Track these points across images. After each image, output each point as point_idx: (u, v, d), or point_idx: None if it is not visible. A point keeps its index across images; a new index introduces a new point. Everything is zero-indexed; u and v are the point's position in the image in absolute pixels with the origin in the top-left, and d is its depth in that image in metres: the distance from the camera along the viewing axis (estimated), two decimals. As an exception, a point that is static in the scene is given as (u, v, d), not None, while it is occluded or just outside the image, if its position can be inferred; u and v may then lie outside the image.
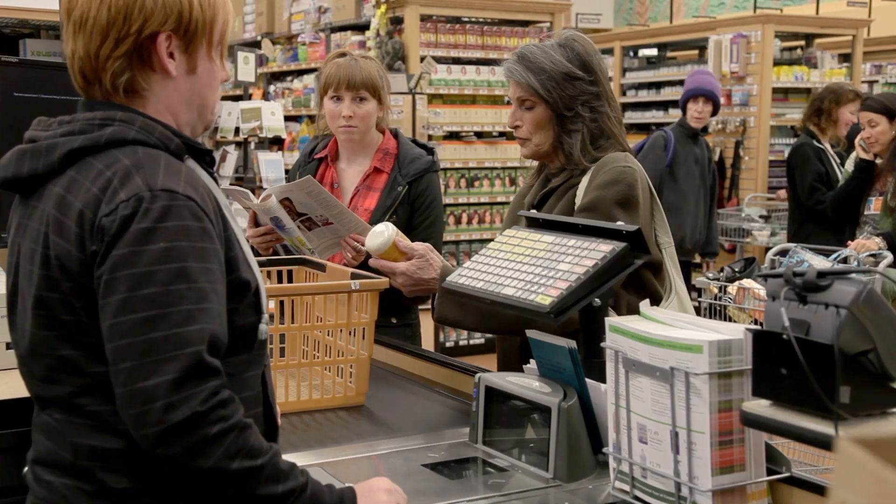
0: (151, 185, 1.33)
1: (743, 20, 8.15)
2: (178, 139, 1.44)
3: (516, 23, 7.02)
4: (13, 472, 1.77)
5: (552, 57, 2.21)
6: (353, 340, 2.25)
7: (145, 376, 1.29)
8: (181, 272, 1.31)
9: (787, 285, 1.35)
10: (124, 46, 1.40)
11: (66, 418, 1.41)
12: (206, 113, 1.52)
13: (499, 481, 1.76)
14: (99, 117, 1.41)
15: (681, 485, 1.51)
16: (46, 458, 1.44)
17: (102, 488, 1.39)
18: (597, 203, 2.15)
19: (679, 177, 5.70)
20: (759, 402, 1.40)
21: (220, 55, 1.50)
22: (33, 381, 1.46)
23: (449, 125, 6.69)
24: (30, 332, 1.42)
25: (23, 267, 1.44)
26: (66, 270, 1.36)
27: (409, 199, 2.88)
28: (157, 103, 1.45)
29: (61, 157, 1.39)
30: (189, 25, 1.43)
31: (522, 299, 1.83)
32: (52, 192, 1.40)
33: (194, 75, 1.46)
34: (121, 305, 1.30)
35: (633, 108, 9.58)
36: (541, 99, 2.22)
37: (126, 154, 1.37)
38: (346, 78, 2.88)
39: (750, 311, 2.68)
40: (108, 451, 1.39)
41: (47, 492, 1.43)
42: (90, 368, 1.38)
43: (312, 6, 7.40)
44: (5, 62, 2.44)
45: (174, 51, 1.43)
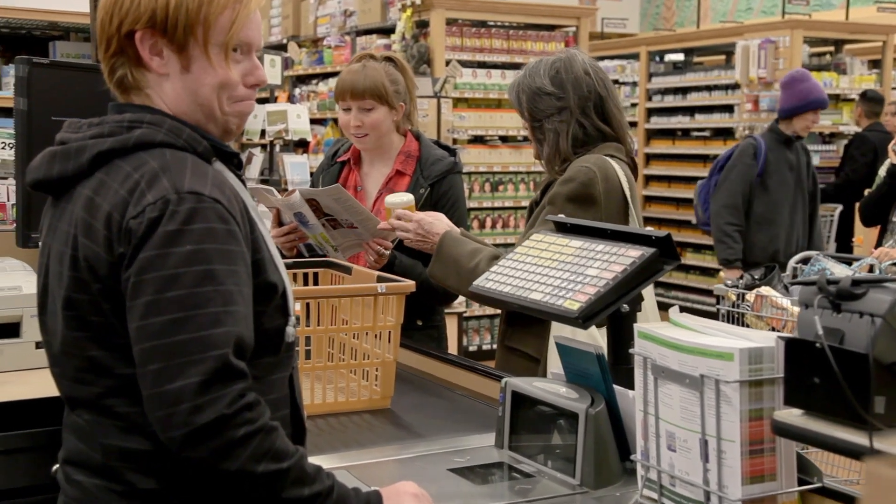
0: (178, 188, 1.34)
1: (771, 25, 8.10)
2: (205, 141, 1.44)
3: (542, 27, 7.01)
4: (44, 471, 1.78)
5: (536, 72, 2.50)
6: (378, 343, 2.25)
7: (171, 378, 1.29)
8: (207, 274, 1.32)
9: (821, 293, 1.33)
10: (113, 46, 1.45)
11: (96, 419, 1.42)
12: (213, 115, 1.47)
13: (525, 487, 1.75)
14: (128, 119, 1.42)
15: (710, 494, 1.50)
16: (77, 458, 1.45)
17: (131, 489, 1.40)
18: (553, 198, 2.44)
19: (771, 186, 5.39)
20: (791, 412, 1.38)
21: (224, 55, 1.45)
22: (64, 382, 1.47)
23: (474, 129, 6.69)
24: (61, 333, 1.43)
25: (52, 268, 1.45)
26: (95, 272, 1.36)
27: (431, 201, 2.88)
28: (158, 101, 1.46)
29: (90, 159, 1.40)
30: (167, 23, 1.41)
31: (550, 304, 1.82)
32: (81, 193, 1.40)
33: (189, 74, 1.45)
34: (147, 307, 1.31)
35: (658, 114, 9.54)
36: (518, 109, 2.56)
37: (154, 156, 1.38)
38: (350, 87, 2.86)
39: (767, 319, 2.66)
40: (137, 453, 1.39)
41: (78, 492, 1.44)
42: (119, 370, 1.38)
43: (338, 10, 7.42)
44: (37, 63, 2.46)
45: (162, 48, 1.43)
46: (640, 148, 9.65)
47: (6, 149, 3.51)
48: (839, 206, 7.14)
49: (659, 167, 9.36)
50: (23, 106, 2.45)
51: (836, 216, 7.16)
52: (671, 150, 9.17)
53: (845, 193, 7.00)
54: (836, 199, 7.15)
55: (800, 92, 5.43)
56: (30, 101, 2.45)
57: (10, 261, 2.57)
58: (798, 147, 5.53)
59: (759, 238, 5.37)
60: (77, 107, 2.50)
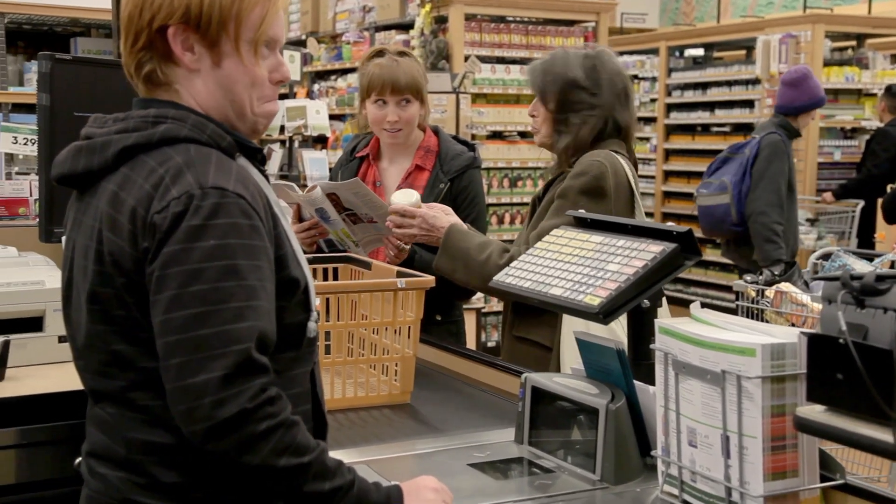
0: (202, 183, 1.34)
1: (792, 20, 8.04)
2: (229, 137, 1.44)
3: (561, 22, 6.98)
4: (67, 464, 1.80)
5: (568, 64, 2.51)
6: (398, 339, 2.25)
7: (194, 372, 1.30)
8: (231, 269, 1.32)
9: (845, 289, 1.33)
10: (142, 40, 1.44)
11: (119, 412, 1.43)
12: (243, 112, 1.48)
13: (545, 482, 1.75)
14: (152, 115, 1.42)
15: (731, 490, 1.49)
16: (100, 451, 1.46)
17: (154, 482, 1.40)
18: (566, 191, 2.47)
19: (793, 184, 5.43)
20: (814, 408, 1.37)
21: (253, 51, 1.46)
22: (88, 375, 1.48)
23: (492, 125, 6.67)
24: (85, 327, 1.44)
25: (77, 262, 1.46)
26: (120, 266, 1.37)
27: (451, 196, 2.87)
28: (187, 97, 1.46)
29: (115, 154, 1.41)
30: (201, 19, 1.42)
31: (571, 299, 1.81)
32: (106, 188, 1.41)
33: (220, 69, 1.45)
34: (171, 302, 1.31)
35: (678, 109, 9.50)
36: (541, 97, 2.55)
37: (178, 152, 1.39)
38: (391, 82, 2.85)
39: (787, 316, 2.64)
40: (160, 446, 1.40)
41: (102, 484, 1.45)
42: (142, 363, 1.39)
43: (357, 5, 7.42)
44: (59, 59, 2.47)
45: (194, 44, 1.43)
46: (660, 143, 9.61)
47: (28, 144, 3.54)
48: (861, 201, 7.09)
49: (678, 163, 9.32)
50: (45, 102, 2.47)
51: (858, 212, 7.11)
52: (691, 145, 9.12)
53: (867, 189, 6.95)
54: (858, 194, 7.10)
55: (809, 89, 5.45)
56: (52, 96, 2.47)
57: (33, 255, 2.59)
58: None
59: (788, 236, 5.37)
60: (99, 102, 2.53)
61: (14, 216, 3.18)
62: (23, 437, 2.08)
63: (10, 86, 5.29)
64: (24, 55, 5.57)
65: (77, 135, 1.50)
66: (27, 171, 4.44)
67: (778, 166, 5.30)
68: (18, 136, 3.53)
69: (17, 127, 3.60)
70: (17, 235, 2.80)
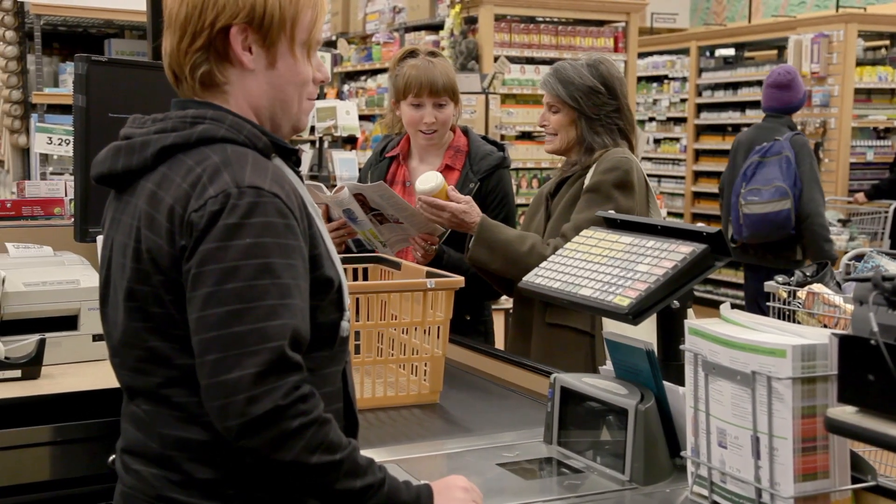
0: (239, 182, 1.36)
1: (825, 19, 7.97)
2: (265, 138, 1.46)
3: (591, 22, 6.97)
4: (101, 461, 1.82)
5: (581, 73, 2.68)
6: (427, 339, 2.26)
7: (229, 369, 1.31)
8: (266, 267, 1.34)
9: (876, 290, 1.32)
10: (200, 40, 1.44)
11: (154, 409, 1.44)
12: (290, 111, 1.52)
13: (574, 482, 1.76)
14: (191, 115, 1.44)
15: (762, 491, 1.49)
16: (135, 447, 1.48)
17: (188, 478, 1.42)
18: (598, 185, 2.58)
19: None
20: (845, 409, 1.36)
21: (306, 53, 1.50)
22: (124, 372, 1.50)
23: (522, 125, 6.67)
24: (122, 324, 1.46)
25: (115, 260, 1.48)
26: (157, 264, 1.39)
27: (480, 196, 2.88)
28: (237, 97, 1.48)
29: (154, 153, 1.43)
30: (264, 19, 1.44)
31: (600, 300, 1.82)
32: (145, 187, 1.43)
33: (274, 70, 1.48)
34: (207, 299, 1.33)
35: (708, 109, 9.45)
36: (566, 105, 2.69)
37: (215, 151, 1.40)
38: (429, 84, 2.86)
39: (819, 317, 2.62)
40: (193, 442, 1.42)
41: (136, 481, 1.46)
42: (178, 360, 1.41)
43: (387, 6, 7.44)
44: (95, 61, 2.51)
45: (252, 44, 1.45)
46: (690, 144, 9.56)
47: (63, 145, 3.58)
48: (893, 202, 7.02)
49: (709, 163, 9.27)
50: (81, 103, 2.50)
51: (891, 213, 7.04)
52: (721, 146, 9.07)
53: (900, 189, 6.89)
54: (891, 195, 7.02)
55: (800, 88, 5.60)
56: (88, 98, 2.50)
57: (68, 255, 2.63)
58: None
59: None
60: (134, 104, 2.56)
61: (50, 216, 3.22)
62: (58, 434, 2.11)
63: (46, 87, 5.36)
64: (58, 56, 5.64)
65: (112, 136, 1.52)
66: (61, 171, 4.50)
67: (815, 165, 5.41)
68: (53, 136, 3.58)
69: (52, 127, 3.66)
70: (53, 235, 2.84)
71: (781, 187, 5.31)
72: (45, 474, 2.11)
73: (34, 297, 2.30)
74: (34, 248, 2.65)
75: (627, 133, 2.74)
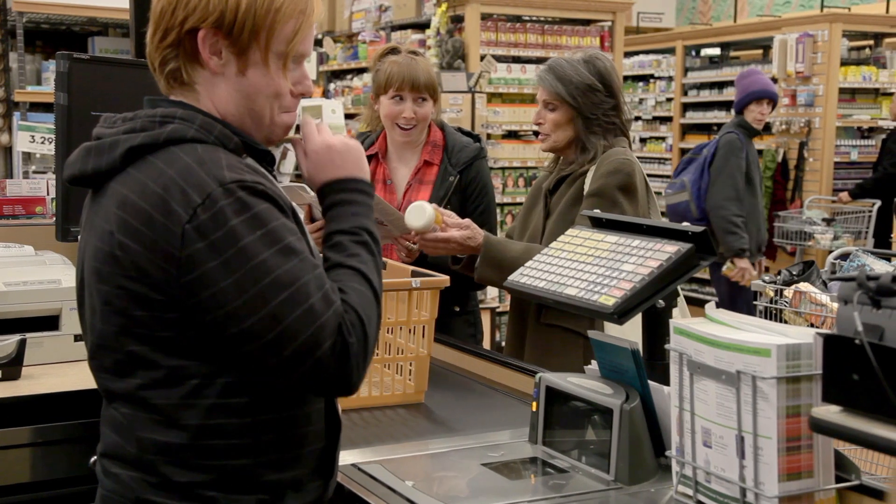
0: (221, 180, 1.34)
1: (809, 19, 7.99)
2: (236, 138, 1.44)
3: (577, 21, 6.97)
4: (82, 462, 1.80)
5: (578, 70, 2.62)
6: (412, 338, 2.26)
7: (300, 330, 1.34)
8: (287, 249, 1.36)
9: (860, 289, 1.32)
10: (170, 37, 1.43)
11: (132, 412, 1.43)
12: (261, 122, 1.48)
13: (559, 482, 1.75)
14: (160, 114, 1.42)
15: (746, 490, 1.49)
16: (113, 451, 1.46)
17: (166, 481, 1.41)
18: (602, 189, 2.53)
19: (754, 180, 5.69)
20: (830, 408, 1.36)
21: (282, 64, 1.46)
22: (101, 375, 1.48)
23: (508, 124, 6.67)
24: (98, 328, 1.44)
25: (89, 263, 1.45)
26: (141, 270, 1.36)
27: (460, 188, 2.95)
28: (206, 99, 1.46)
29: (122, 154, 1.40)
30: (234, 26, 1.41)
31: (585, 299, 1.81)
32: (116, 190, 1.40)
33: (244, 77, 1.45)
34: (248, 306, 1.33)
35: (694, 109, 9.47)
36: (564, 103, 2.63)
37: (185, 152, 1.38)
38: (411, 79, 2.90)
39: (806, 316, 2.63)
40: (172, 446, 1.40)
41: (115, 484, 1.45)
42: (161, 362, 1.39)
43: (373, 5, 7.42)
44: (77, 59, 2.48)
45: (221, 49, 1.43)
46: (675, 143, 9.58)
47: (45, 143, 3.56)
48: (877, 201, 7.05)
49: (694, 162, 9.27)
50: (63, 101, 2.48)
51: (875, 211, 7.07)
52: (707, 145, 9.08)
53: (883, 188, 6.91)
54: (875, 194, 7.06)
55: (744, 85, 5.84)
56: (70, 96, 2.48)
57: (49, 254, 2.61)
58: None
59: (750, 227, 5.63)
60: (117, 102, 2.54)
61: (31, 215, 3.20)
62: (38, 435, 2.09)
63: (28, 85, 5.32)
64: (41, 54, 5.61)
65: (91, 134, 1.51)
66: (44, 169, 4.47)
67: (734, 162, 5.59)
68: (36, 134, 3.56)
69: (34, 126, 3.63)
70: (34, 234, 2.82)
71: (683, 182, 5.76)
72: (25, 476, 2.09)
73: (15, 297, 2.28)
74: (15, 247, 2.63)
75: (625, 130, 2.69)
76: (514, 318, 2.77)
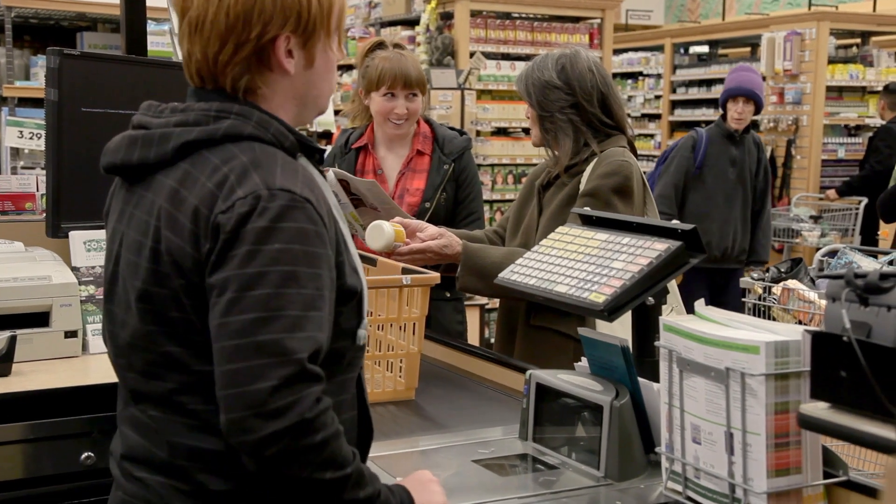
0: (270, 184, 1.30)
1: (797, 17, 8.03)
2: (292, 136, 1.41)
3: (566, 19, 6.98)
4: (73, 459, 1.80)
5: (543, 67, 2.59)
6: (403, 335, 2.26)
7: (250, 380, 1.25)
8: (292, 276, 1.28)
9: (848, 287, 1.33)
10: (244, 51, 1.38)
11: (164, 416, 1.38)
12: (320, 102, 1.49)
13: (549, 479, 1.76)
14: (215, 109, 1.38)
15: (735, 486, 1.50)
16: (138, 454, 1.41)
17: (200, 489, 1.36)
18: (597, 190, 2.48)
19: (707, 180, 5.33)
20: (818, 405, 1.38)
21: (337, 41, 1.46)
22: (130, 375, 1.42)
23: (497, 121, 6.68)
24: (132, 326, 1.39)
25: (125, 257, 1.40)
26: (179, 267, 1.32)
27: (454, 176, 3.09)
28: (271, 100, 1.42)
29: (175, 148, 1.36)
30: (308, 23, 1.40)
31: (576, 297, 1.82)
32: (164, 183, 1.36)
33: (311, 69, 1.44)
34: (230, 305, 1.27)
35: (682, 106, 9.50)
36: (528, 100, 2.62)
37: (243, 150, 1.34)
38: (403, 76, 3.00)
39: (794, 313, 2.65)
40: (207, 452, 1.35)
41: (139, 489, 1.40)
42: (195, 366, 1.34)
43: (363, 1, 7.42)
44: (68, 54, 2.48)
45: (292, 48, 1.41)
46: (664, 140, 9.61)
47: (34, 139, 3.54)
48: (864, 198, 7.10)
49: (683, 160, 9.30)
50: (53, 97, 2.47)
51: (861, 209, 7.12)
52: (695, 142, 9.11)
53: (870, 186, 6.95)
54: (861, 191, 7.10)
55: (728, 82, 5.53)
56: (60, 92, 2.47)
57: (39, 250, 2.60)
58: (748, 142, 5.42)
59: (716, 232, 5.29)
60: (107, 98, 2.53)
61: (21, 211, 3.18)
62: (29, 432, 2.09)
63: (17, 80, 5.29)
64: (30, 49, 5.58)
65: (85, 130, 1.48)
66: (32, 165, 4.45)
67: (679, 162, 5.33)
68: (24, 130, 3.54)
69: (23, 121, 3.61)
70: (24, 230, 2.81)
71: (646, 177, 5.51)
72: (16, 472, 2.08)
73: (5, 294, 2.27)
74: (5, 243, 2.62)
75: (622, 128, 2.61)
76: (503, 320, 2.75)
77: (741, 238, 5.37)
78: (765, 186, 5.47)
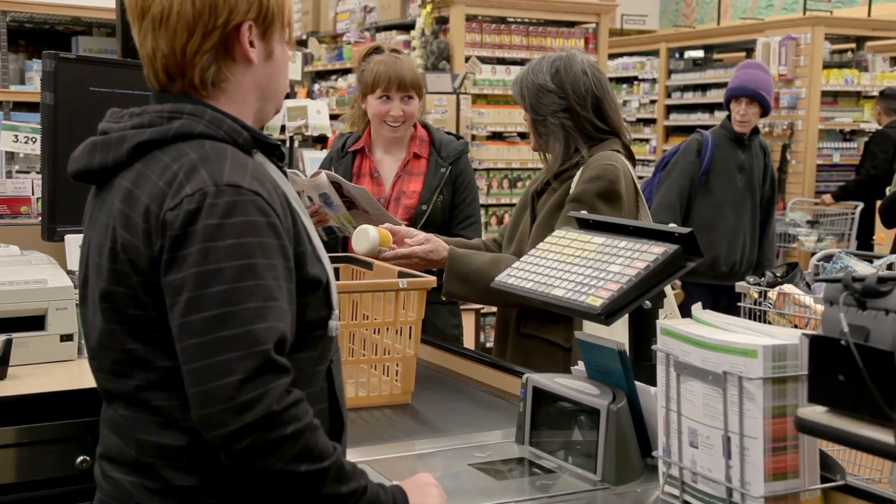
0: (217, 180, 1.32)
1: (792, 22, 8.04)
2: (246, 133, 1.42)
3: (562, 23, 6.99)
4: (69, 463, 1.79)
5: (537, 70, 2.56)
6: (399, 339, 2.26)
7: (216, 376, 1.26)
8: (248, 269, 1.30)
9: (846, 291, 1.33)
10: (212, 40, 1.40)
11: (131, 414, 1.40)
12: (278, 96, 1.50)
13: (546, 482, 1.76)
14: (168, 110, 1.40)
15: (732, 490, 1.50)
16: (112, 453, 1.43)
17: (167, 486, 1.38)
18: (581, 195, 2.45)
19: (715, 187, 4.95)
20: (815, 409, 1.38)
21: (288, 35, 1.50)
22: (101, 375, 1.45)
23: (493, 125, 6.68)
24: (98, 326, 1.41)
25: (92, 260, 1.43)
26: (134, 265, 1.34)
27: (451, 180, 3.12)
28: (234, 93, 1.44)
29: (129, 149, 1.39)
30: (268, 12, 1.43)
31: (573, 300, 1.82)
32: (121, 185, 1.39)
33: (271, 61, 1.47)
34: (189, 304, 1.29)
35: (677, 111, 9.51)
36: (522, 104, 2.59)
37: (193, 148, 1.36)
38: (398, 79, 3.03)
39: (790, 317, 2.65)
40: (173, 448, 1.37)
41: (113, 489, 1.42)
42: (158, 363, 1.36)
43: (358, 5, 7.42)
44: (63, 58, 2.47)
45: (254, 39, 1.43)
46: (659, 145, 9.62)
47: (29, 143, 3.54)
48: (860, 203, 7.11)
49: (678, 164, 9.30)
50: (49, 101, 2.47)
51: (857, 214, 7.13)
52: (690, 147, 9.11)
53: (866, 191, 6.97)
54: (857, 196, 7.11)
55: (732, 80, 5.12)
56: (56, 96, 2.47)
57: (35, 254, 2.59)
58: (755, 147, 5.06)
59: (723, 245, 4.94)
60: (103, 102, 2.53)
61: (16, 215, 3.18)
62: (25, 435, 2.08)
63: (12, 84, 5.29)
64: (25, 53, 5.58)
65: (80, 134, 1.49)
66: (28, 169, 4.44)
67: (682, 167, 4.97)
68: (20, 134, 3.53)
69: (18, 125, 3.60)
70: (20, 234, 2.80)
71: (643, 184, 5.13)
72: (11, 476, 2.08)
73: (0, 297, 2.27)
74: (0, 247, 2.61)
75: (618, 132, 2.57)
76: (499, 325, 2.75)
77: (749, 251, 4.99)
78: (771, 195, 5.12)
